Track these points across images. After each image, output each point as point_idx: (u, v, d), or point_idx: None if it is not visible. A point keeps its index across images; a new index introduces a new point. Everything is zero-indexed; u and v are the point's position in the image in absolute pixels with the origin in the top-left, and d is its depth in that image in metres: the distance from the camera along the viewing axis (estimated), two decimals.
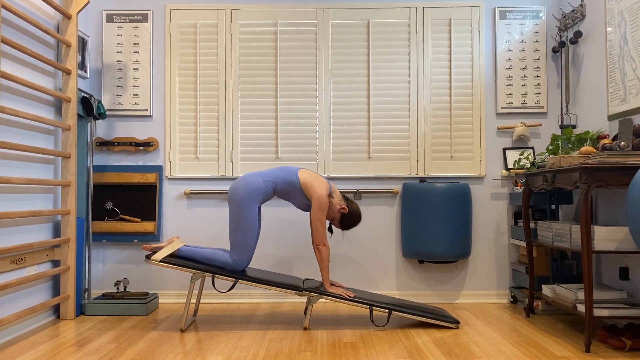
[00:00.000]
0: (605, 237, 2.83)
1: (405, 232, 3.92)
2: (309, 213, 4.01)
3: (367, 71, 4.12)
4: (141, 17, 4.14)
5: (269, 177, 3.30)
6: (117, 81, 4.13)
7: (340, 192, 4.04)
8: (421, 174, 4.08)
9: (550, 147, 3.39)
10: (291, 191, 3.31)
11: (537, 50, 4.11)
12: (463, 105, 4.10)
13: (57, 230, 3.58)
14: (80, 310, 3.66)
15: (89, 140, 3.92)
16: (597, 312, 2.81)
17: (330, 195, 3.34)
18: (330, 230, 3.48)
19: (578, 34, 3.73)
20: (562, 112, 4.04)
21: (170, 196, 4.11)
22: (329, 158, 4.09)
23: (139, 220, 4.04)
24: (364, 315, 3.63)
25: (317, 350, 2.77)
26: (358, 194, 4.06)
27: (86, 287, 3.85)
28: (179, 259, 3.22)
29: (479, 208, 4.09)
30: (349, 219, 3.37)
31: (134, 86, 4.12)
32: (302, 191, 3.29)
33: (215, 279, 3.27)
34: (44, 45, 3.48)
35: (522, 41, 4.11)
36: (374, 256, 4.09)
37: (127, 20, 4.14)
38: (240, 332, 3.16)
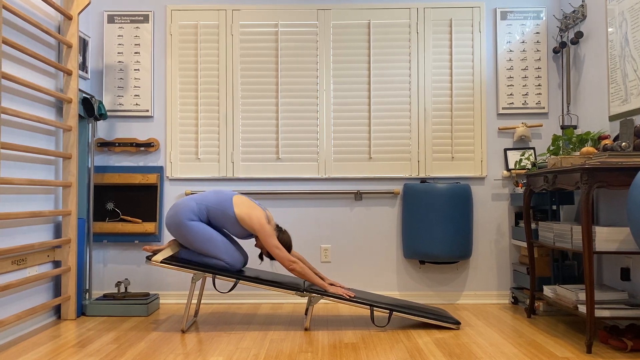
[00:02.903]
0: (607, 237, 2.83)
1: (406, 232, 3.92)
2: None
3: (368, 72, 4.11)
4: (142, 18, 4.14)
5: (202, 201, 3.24)
6: (118, 82, 4.13)
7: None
8: (422, 175, 4.08)
9: (551, 148, 3.38)
10: (225, 220, 3.22)
11: (538, 50, 4.11)
12: (464, 106, 4.10)
13: (58, 231, 3.58)
14: (81, 311, 3.66)
15: (89, 140, 3.92)
16: (598, 313, 2.81)
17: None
18: (260, 257, 3.42)
19: (579, 35, 3.73)
20: (563, 113, 4.04)
21: (171, 197, 4.11)
22: (329, 158, 4.09)
23: (140, 221, 4.04)
24: (365, 316, 3.63)
25: (318, 351, 2.77)
26: (359, 194, 4.06)
27: (87, 287, 3.85)
28: (179, 260, 3.22)
29: (480, 209, 4.09)
30: None
31: (135, 87, 4.13)
32: (238, 222, 3.22)
33: (216, 279, 3.26)
34: (45, 46, 3.48)
35: (523, 42, 4.11)
36: (374, 257, 4.09)
37: (128, 21, 4.14)
38: (241, 333, 3.16)
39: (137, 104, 4.12)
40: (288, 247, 3.30)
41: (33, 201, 3.32)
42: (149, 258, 3.20)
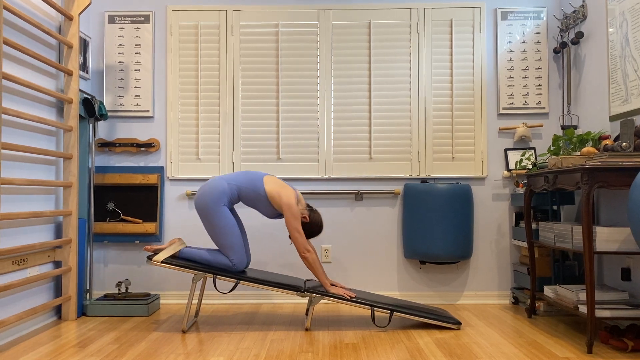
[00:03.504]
0: (607, 237, 2.83)
1: (407, 233, 3.92)
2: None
3: (369, 72, 4.12)
4: (142, 19, 4.14)
5: (233, 181, 3.27)
6: (118, 82, 4.13)
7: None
8: (422, 175, 4.08)
9: (552, 148, 3.38)
10: (256, 199, 3.27)
11: (538, 50, 4.11)
12: (464, 106, 4.10)
13: (58, 231, 3.58)
14: (82, 311, 3.67)
15: (90, 141, 3.93)
16: (599, 313, 2.81)
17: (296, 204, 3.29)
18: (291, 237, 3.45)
19: (579, 35, 3.73)
20: (563, 113, 4.04)
21: (171, 197, 4.11)
22: (330, 159, 4.09)
23: (141, 221, 4.04)
24: (366, 316, 3.63)
25: (318, 352, 2.77)
26: (359, 194, 4.06)
27: (88, 288, 3.86)
28: (180, 260, 3.23)
29: (481, 209, 4.09)
30: (309, 228, 3.34)
31: (136, 87, 4.13)
32: (269, 201, 3.26)
33: (216, 279, 3.27)
34: (45, 47, 3.48)
35: (523, 42, 4.11)
36: (375, 257, 4.09)
37: (129, 22, 4.14)
38: (241, 333, 3.17)
39: (137, 104, 4.12)
40: (319, 226, 3.35)
41: (34, 201, 3.32)
42: (149, 258, 3.20)
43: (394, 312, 3.25)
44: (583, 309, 2.86)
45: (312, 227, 3.34)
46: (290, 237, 3.26)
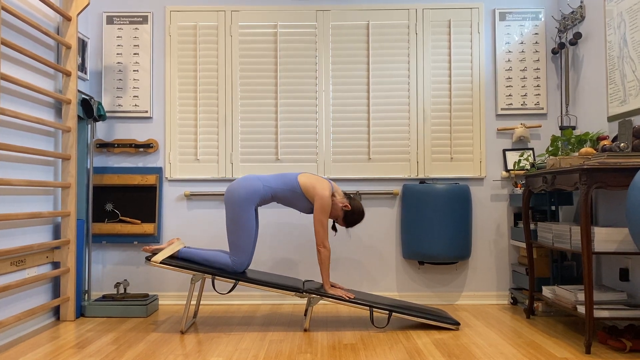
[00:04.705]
0: (605, 238, 2.83)
1: (405, 233, 3.92)
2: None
3: (367, 72, 4.12)
4: (141, 19, 4.14)
5: (268, 183, 3.30)
6: (117, 83, 4.13)
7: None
8: (421, 175, 4.08)
9: (550, 149, 3.39)
10: (294, 197, 3.31)
11: (536, 51, 4.11)
12: (463, 107, 4.10)
13: (57, 232, 3.58)
14: (80, 312, 3.66)
15: (89, 141, 3.92)
16: (597, 314, 2.81)
17: (332, 195, 3.34)
18: (334, 229, 3.47)
19: (577, 36, 3.74)
20: (561, 114, 4.04)
21: (170, 198, 4.11)
22: (328, 159, 4.09)
23: (139, 221, 4.04)
24: (364, 316, 3.63)
25: (317, 352, 2.77)
26: (358, 195, 4.07)
27: (86, 288, 3.85)
28: (179, 260, 3.22)
29: (479, 209, 4.09)
30: (352, 216, 3.38)
31: (134, 88, 4.13)
32: (305, 196, 3.30)
33: (215, 280, 3.27)
34: (44, 47, 3.48)
35: (521, 42, 4.12)
36: (374, 257, 4.09)
37: (127, 22, 4.14)
38: (240, 334, 3.17)
39: (136, 105, 4.12)
40: (361, 213, 3.39)
41: (32, 202, 3.31)
42: (148, 259, 3.19)
43: (393, 313, 3.25)
44: (581, 309, 2.86)
45: (355, 214, 3.38)
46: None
